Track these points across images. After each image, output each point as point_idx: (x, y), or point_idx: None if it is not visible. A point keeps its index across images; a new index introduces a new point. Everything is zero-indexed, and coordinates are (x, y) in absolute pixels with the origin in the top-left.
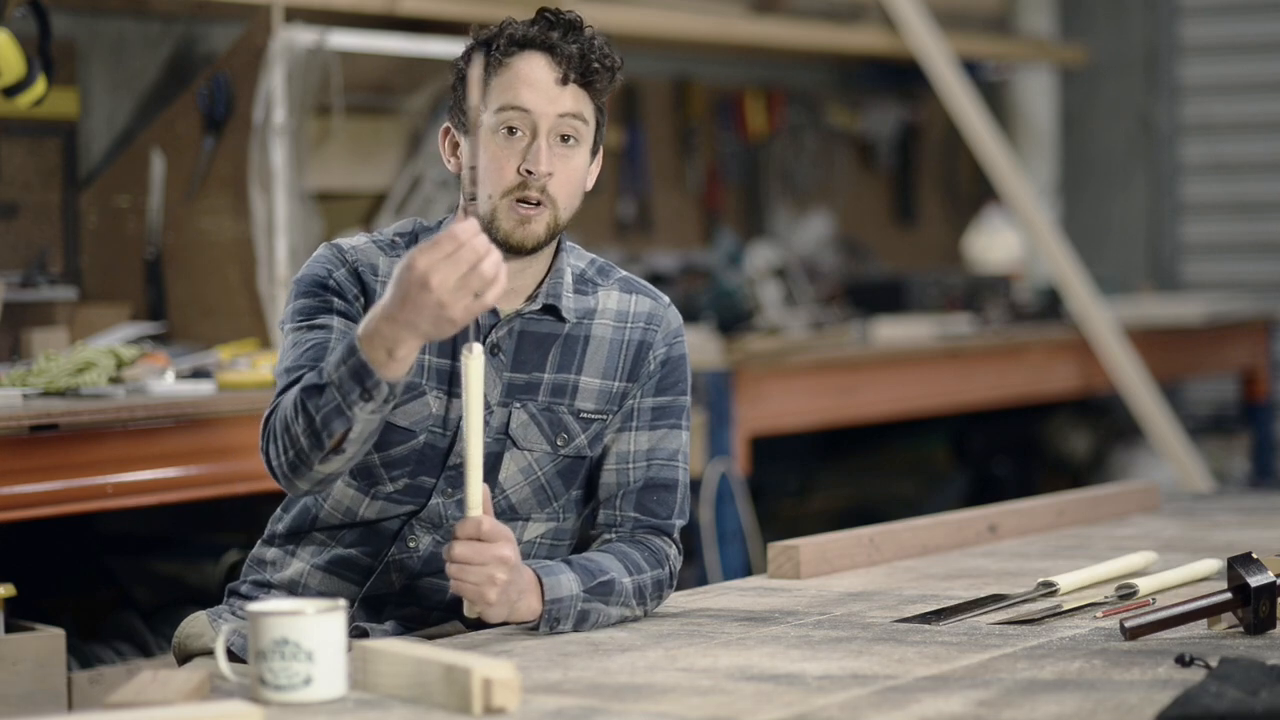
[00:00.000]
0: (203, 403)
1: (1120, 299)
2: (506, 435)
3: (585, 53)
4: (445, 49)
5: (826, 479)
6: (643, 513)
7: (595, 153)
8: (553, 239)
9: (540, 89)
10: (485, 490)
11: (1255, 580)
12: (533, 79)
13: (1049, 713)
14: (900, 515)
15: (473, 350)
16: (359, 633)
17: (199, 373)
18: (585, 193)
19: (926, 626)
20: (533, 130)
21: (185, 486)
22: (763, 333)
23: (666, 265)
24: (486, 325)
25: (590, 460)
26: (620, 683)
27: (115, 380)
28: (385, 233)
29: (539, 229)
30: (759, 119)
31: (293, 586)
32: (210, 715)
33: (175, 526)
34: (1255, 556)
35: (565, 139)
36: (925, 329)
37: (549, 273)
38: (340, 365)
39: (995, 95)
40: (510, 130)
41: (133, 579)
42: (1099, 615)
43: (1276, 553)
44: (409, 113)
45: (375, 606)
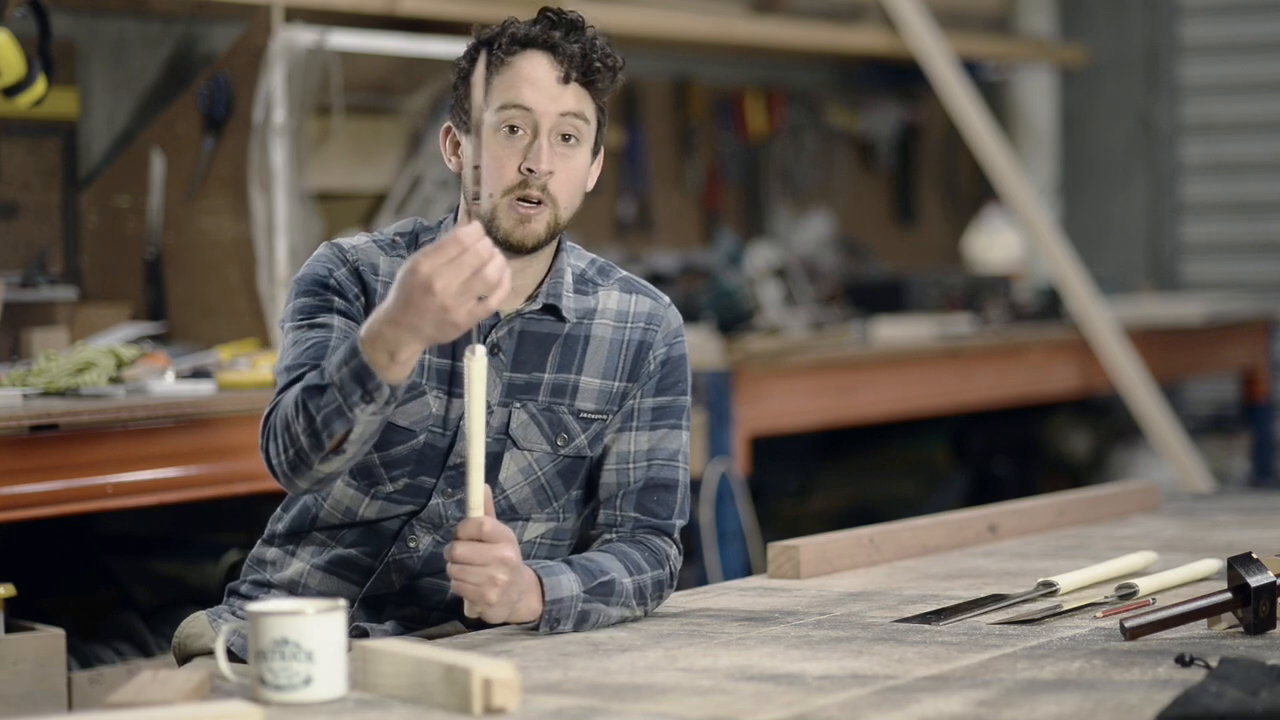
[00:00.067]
0: (203, 403)
1: (1120, 299)
2: (507, 435)
3: (587, 52)
4: (445, 49)
5: (826, 479)
6: (643, 513)
7: (596, 153)
8: (553, 238)
9: (542, 88)
10: (487, 491)
11: (1255, 580)
12: (535, 78)
13: (1049, 713)
14: (900, 515)
15: (475, 352)
16: (359, 633)
17: (199, 373)
18: (586, 193)
19: (926, 626)
20: (534, 129)
21: (185, 486)
22: (763, 333)
23: (666, 265)
24: (486, 325)
25: (590, 460)
26: (620, 683)
27: (115, 380)
28: (386, 232)
29: (539, 228)
30: (759, 119)
31: (293, 586)
32: (210, 715)
33: (175, 526)
34: (1255, 556)
35: (566, 138)
36: (925, 329)
37: (549, 272)
38: (342, 366)
39: (995, 95)
40: (512, 129)
41: (133, 579)
42: (1099, 615)
43: (1276, 553)
44: (409, 113)
45: (375, 606)
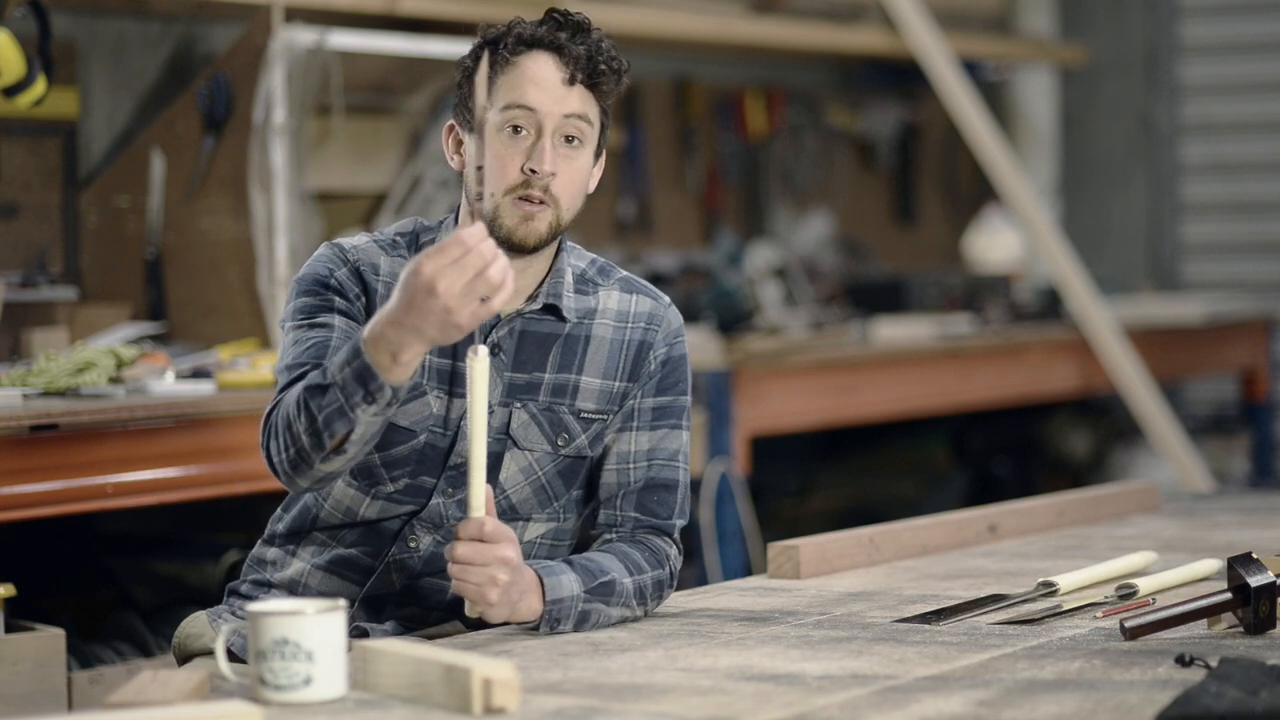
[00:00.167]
0: (203, 403)
1: (1120, 299)
2: (507, 435)
3: (593, 54)
4: (445, 49)
5: (826, 479)
6: (643, 513)
7: (599, 155)
8: (554, 239)
9: (547, 89)
10: (488, 491)
11: (1255, 580)
12: (539, 78)
13: (1049, 713)
14: (900, 515)
15: (478, 353)
16: (359, 633)
17: (199, 373)
18: (587, 194)
19: (926, 626)
20: (538, 130)
21: (185, 486)
22: (763, 333)
23: (666, 265)
24: (487, 325)
25: (591, 460)
26: (620, 683)
27: (115, 380)
28: (386, 232)
29: (541, 227)
30: (759, 119)
31: (293, 586)
32: (210, 715)
33: (175, 526)
34: (1255, 556)
35: (570, 140)
36: (925, 329)
37: (550, 273)
38: (345, 367)
39: (995, 95)
40: (515, 129)
41: (133, 579)
42: (1099, 615)
43: (1276, 553)
44: (409, 113)
45: (375, 606)
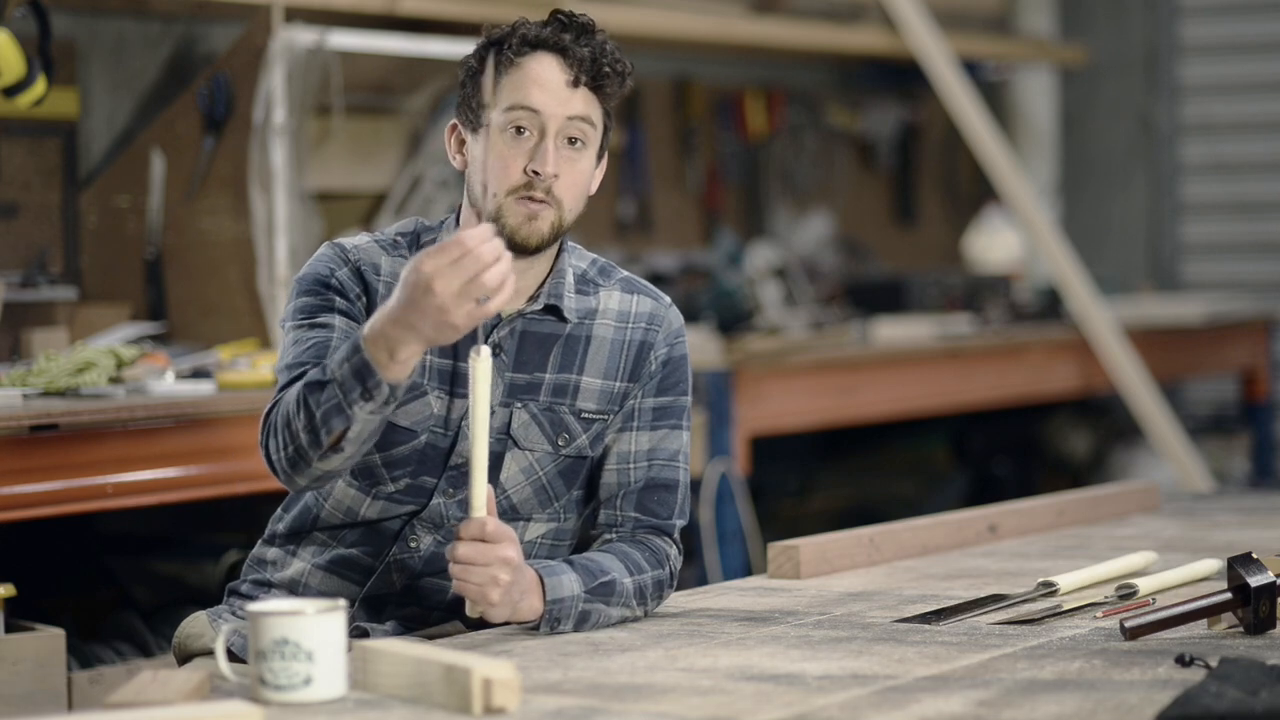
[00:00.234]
0: (203, 403)
1: (1120, 299)
2: (508, 435)
3: (597, 56)
4: (445, 49)
5: (826, 479)
6: (643, 513)
7: (601, 157)
8: (556, 240)
9: (550, 90)
10: (490, 491)
11: (1255, 580)
12: (543, 80)
13: (1049, 713)
14: (900, 515)
15: (480, 353)
16: (359, 633)
17: (199, 373)
18: (589, 196)
19: (926, 626)
20: (541, 131)
21: (185, 486)
22: (763, 333)
23: (666, 265)
24: (488, 325)
25: (591, 460)
26: (620, 683)
27: (115, 380)
28: (387, 232)
29: (544, 228)
30: (759, 119)
31: (293, 586)
32: (210, 715)
33: (175, 526)
34: (1255, 556)
35: (572, 141)
36: (925, 329)
37: (551, 273)
38: (344, 363)
39: (995, 95)
40: (518, 130)
41: (133, 579)
42: (1099, 615)
43: (1276, 553)
44: (409, 113)
45: (376, 606)
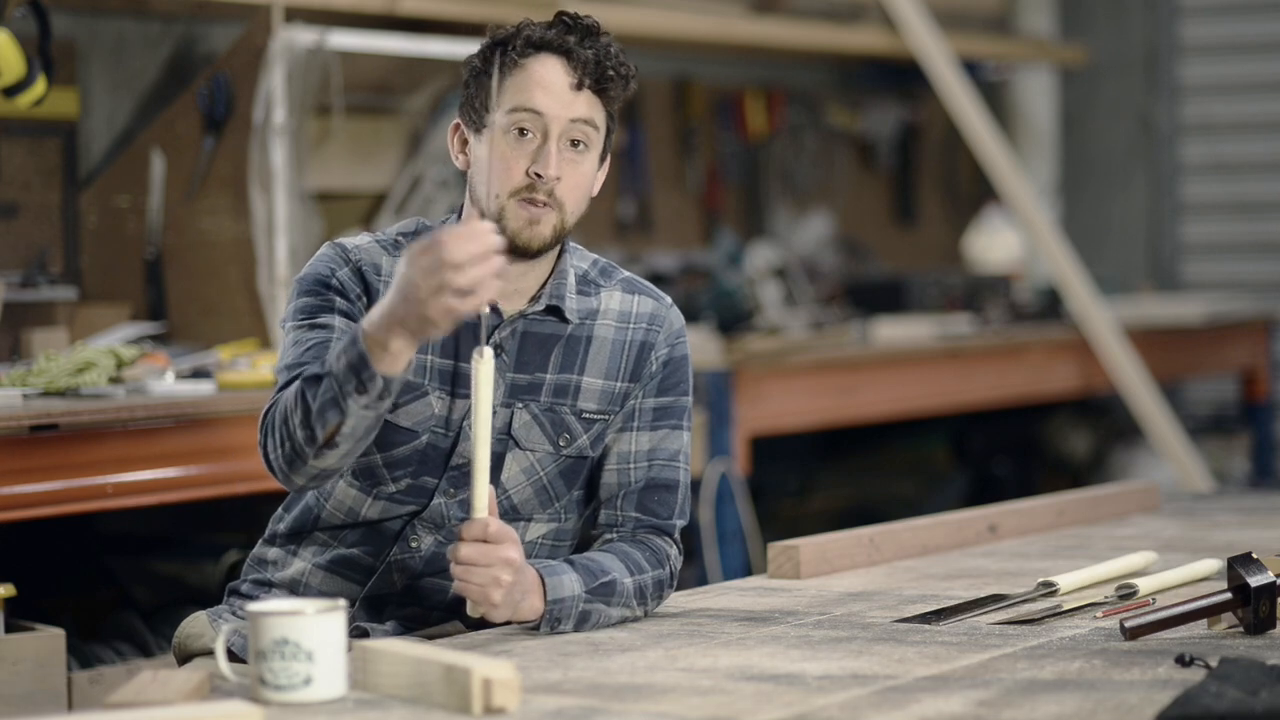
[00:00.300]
0: (203, 403)
1: (1120, 299)
2: (509, 436)
3: (601, 59)
4: (445, 49)
5: (826, 479)
6: (644, 513)
7: (603, 159)
8: (558, 242)
9: (554, 92)
10: (491, 492)
11: (1255, 580)
12: (547, 82)
13: (1049, 713)
14: (900, 515)
15: (483, 354)
16: (359, 633)
17: (199, 373)
18: (591, 198)
19: (926, 626)
20: (544, 133)
21: (185, 486)
22: (763, 333)
23: (666, 265)
24: (490, 326)
25: (592, 460)
26: (620, 683)
27: (115, 380)
28: (388, 232)
29: (546, 231)
30: (759, 119)
31: (294, 586)
32: (210, 715)
33: (175, 526)
34: (1255, 556)
35: (575, 144)
36: (925, 329)
37: (552, 274)
38: (341, 356)
39: (995, 95)
40: (521, 131)
41: (133, 579)
42: (1099, 615)
43: (1276, 553)
44: (409, 113)
45: (376, 606)
